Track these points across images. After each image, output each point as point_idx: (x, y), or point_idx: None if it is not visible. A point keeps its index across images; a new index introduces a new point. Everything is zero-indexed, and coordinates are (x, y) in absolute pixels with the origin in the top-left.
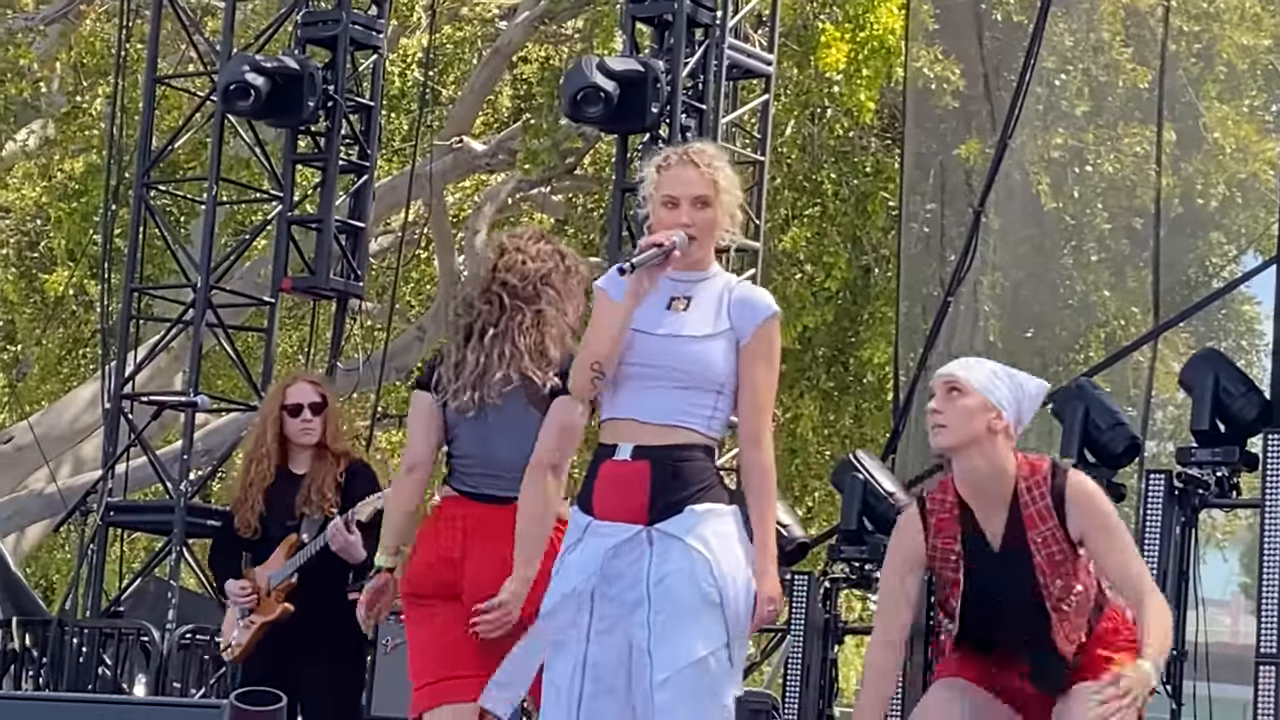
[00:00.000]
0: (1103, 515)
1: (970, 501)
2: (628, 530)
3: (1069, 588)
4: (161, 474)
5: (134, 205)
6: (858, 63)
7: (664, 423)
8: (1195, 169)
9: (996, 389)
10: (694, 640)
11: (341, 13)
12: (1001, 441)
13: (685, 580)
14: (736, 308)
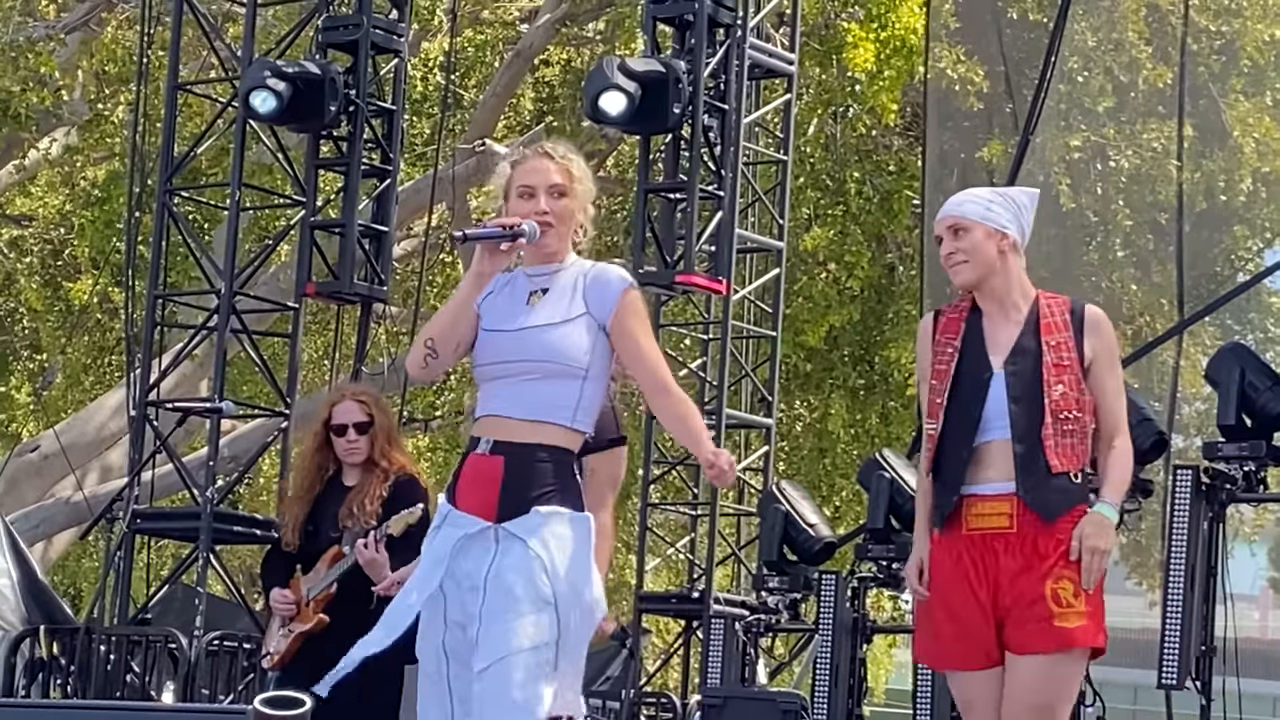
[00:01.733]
0: (1112, 343)
1: (989, 312)
2: (476, 524)
3: (1070, 401)
4: (188, 481)
5: (157, 212)
6: (881, 63)
7: (526, 419)
8: (1218, 164)
9: (994, 213)
10: (517, 633)
11: (362, 17)
12: (1013, 258)
13: (521, 577)
14: (591, 290)
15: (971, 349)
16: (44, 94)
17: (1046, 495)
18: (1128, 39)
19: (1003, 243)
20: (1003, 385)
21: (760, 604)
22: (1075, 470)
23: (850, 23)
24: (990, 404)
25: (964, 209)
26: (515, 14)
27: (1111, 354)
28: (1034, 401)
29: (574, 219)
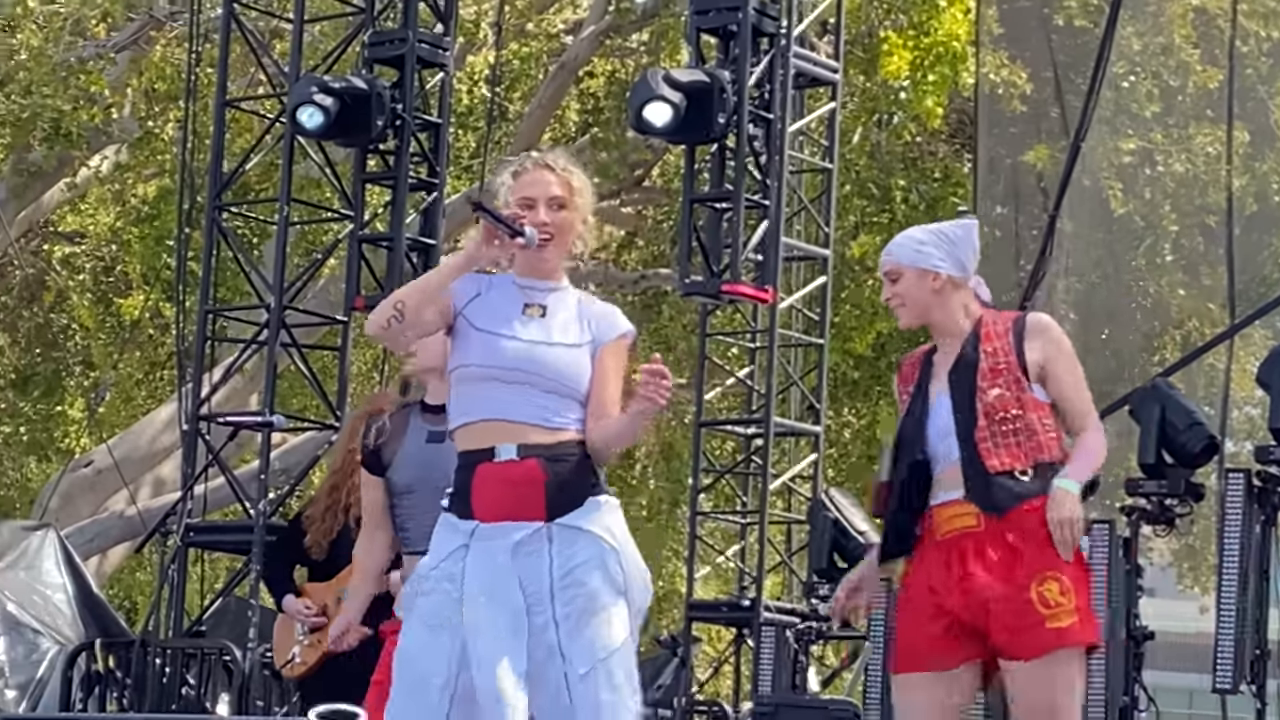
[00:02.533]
0: (1060, 341)
1: (940, 346)
2: (525, 528)
3: (1004, 402)
4: (240, 494)
5: (207, 228)
6: (923, 69)
7: (543, 424)
8: (1270, 167)
9: (925, 253)
10: (609, 632)
11: (408, 32)
12: (949, 292)
13: (595, 570)
14: (597, 322)
15: (921, 385)
16: (94, 112)
17: (989, 494)
18: (1175, 43)
19: (935, 281)
20: (945, 401)
21: (811, 611)
22: (1022, 467)
23: (890, 31)
24: (934, 423)
25: (896, 255)
26: (560, 26)
27: (1062, 352)
28: (969, 405)
29: (574, 231)
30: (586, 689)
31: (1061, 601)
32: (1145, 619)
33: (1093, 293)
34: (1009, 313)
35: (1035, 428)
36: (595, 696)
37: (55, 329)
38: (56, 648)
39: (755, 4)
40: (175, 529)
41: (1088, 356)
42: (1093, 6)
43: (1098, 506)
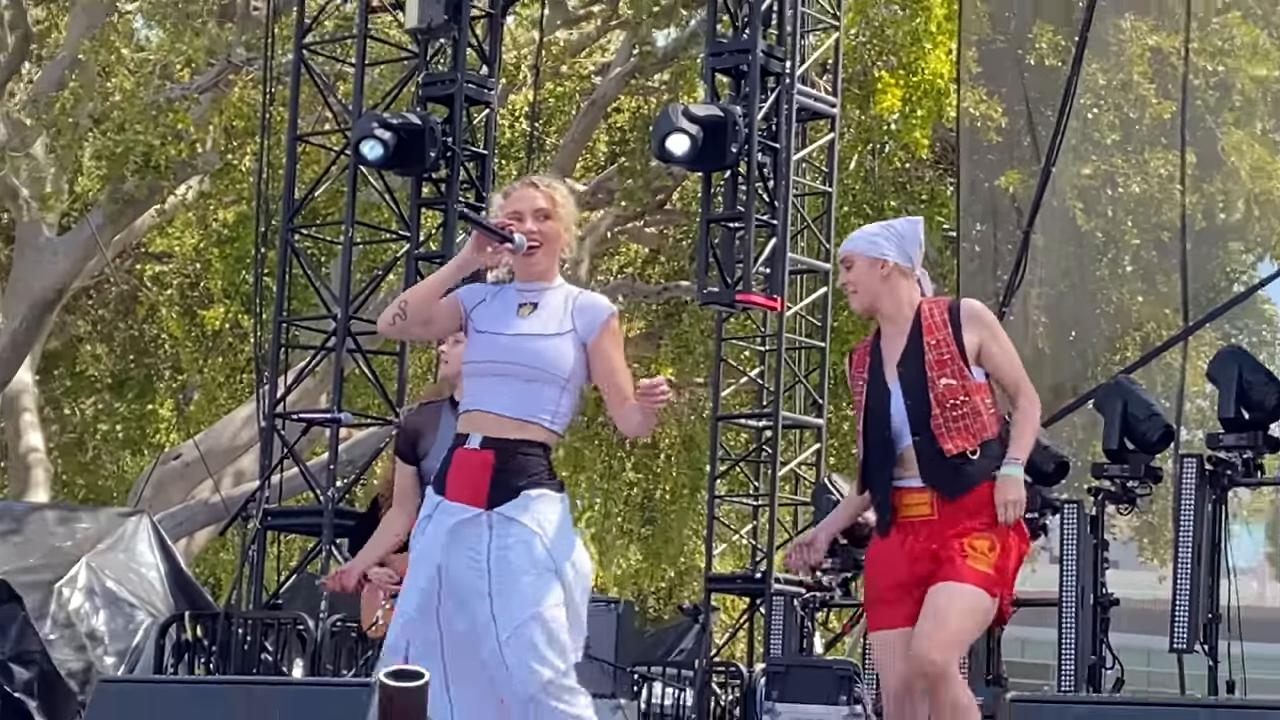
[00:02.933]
0: (992, 324)
1: (885, 331)
2: (468, 512)
3: (953, 390)
4: (311, 483)
5: (280, 248)
6: (911, 104)
7: (513, 416)
8: (1216, 187)
9: (875, 246)
10: (530, 598)
11: (457, 74)
12: (896, 279)
13: (523, 551)
14: (579, 312)
15: (875, 374)
16: (180, 147)
17: (945, 477)
18: (1133, 79)
19: (884, 269)
20: (900, 393)
21: (816, 583)
22: (971, 448)
23: (883, 71)
24: (893, 413)
25: (852, 245)
26: (590, 68)
27: (993, 332)
28: (921, 397)
29: (560, 239)
30: (512, 649)
31: (987, 555)
32: (1110, 587)
33: (1062, 300)
34: (943, 300)
35: (979, 409)
36: (519, 655)
37: (147, 338)
38: (150, 619)
39: (763, 47)
40: (254, 514)
41: (1058, 356)
42: (1061, 47)
43: (1068, 488)
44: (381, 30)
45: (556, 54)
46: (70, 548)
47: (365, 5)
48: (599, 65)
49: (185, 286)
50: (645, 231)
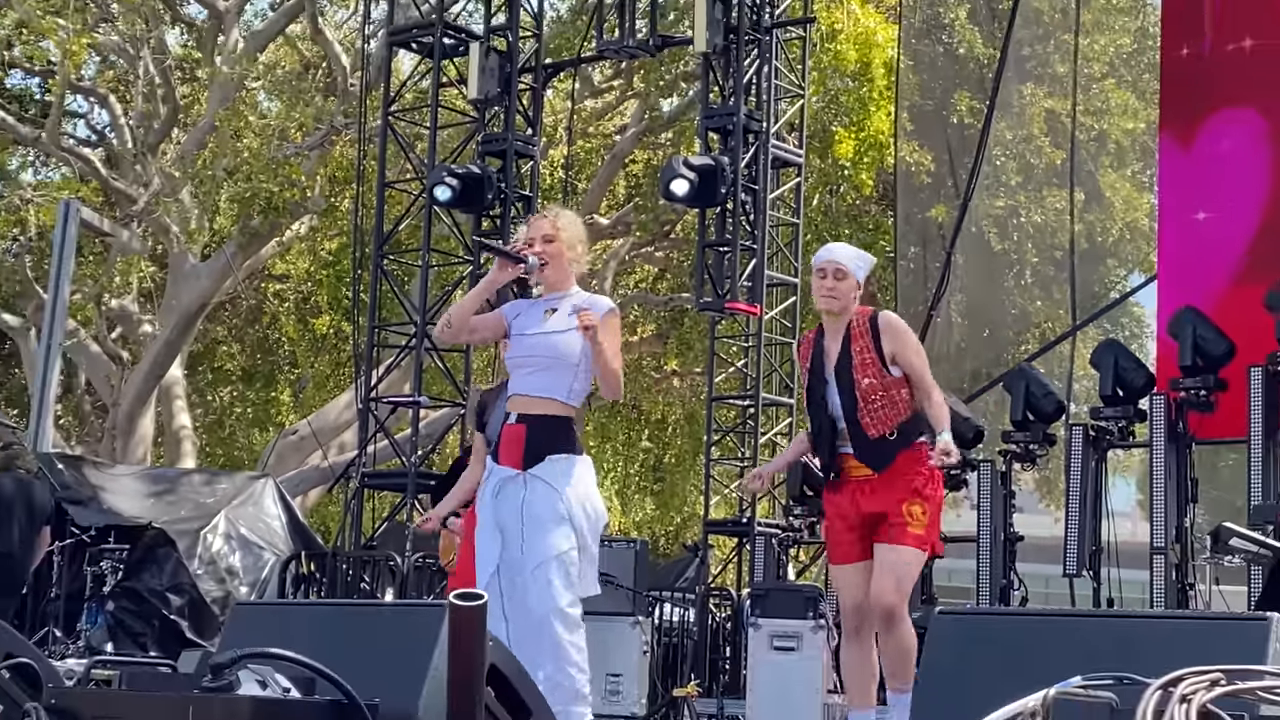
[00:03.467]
0: (902, 333)
1: (828, 332)
2: (510, 473)
3: (875, 388)
4: (398, 451)
5: (373, 270)
6: (860, 154)
7: (537, 395)
8: (1095, 217)
9: (859, 270)
10: (552, 542)
11: (508, 134)
12: (856, 297)
13: (542, 503)
14: (584, 309)
15: (816, 367)
16: (294, 192)
17: (871, 455)
18: (1033, 133)
19: (858, 289)
20: (835, 389)
21: (789, 525)
22: (889, 430)
23: (838, 128)
24: (830, 405)
25: (844, 261)
26: (611, 129)
27: (904, 341)
28: (850, 393)
29: (563, 255)
30: (534, 580)
31: (920, 519)
32: (1016, 527)
33: (977, 305)
34: (867, 310)
35: (895, 399)
36: (538, 583)
37: (270, 341)
38: (274, 558)
39: (745, 111)
40: (354, 475)
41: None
42: (975, 110)
43: (984, 451)
44: (449, 101)
45: (585, 118)
46: (213, 503)
47: (437, 81)
48: (618, 127)
49: (299, 300)
50: (655, 255)
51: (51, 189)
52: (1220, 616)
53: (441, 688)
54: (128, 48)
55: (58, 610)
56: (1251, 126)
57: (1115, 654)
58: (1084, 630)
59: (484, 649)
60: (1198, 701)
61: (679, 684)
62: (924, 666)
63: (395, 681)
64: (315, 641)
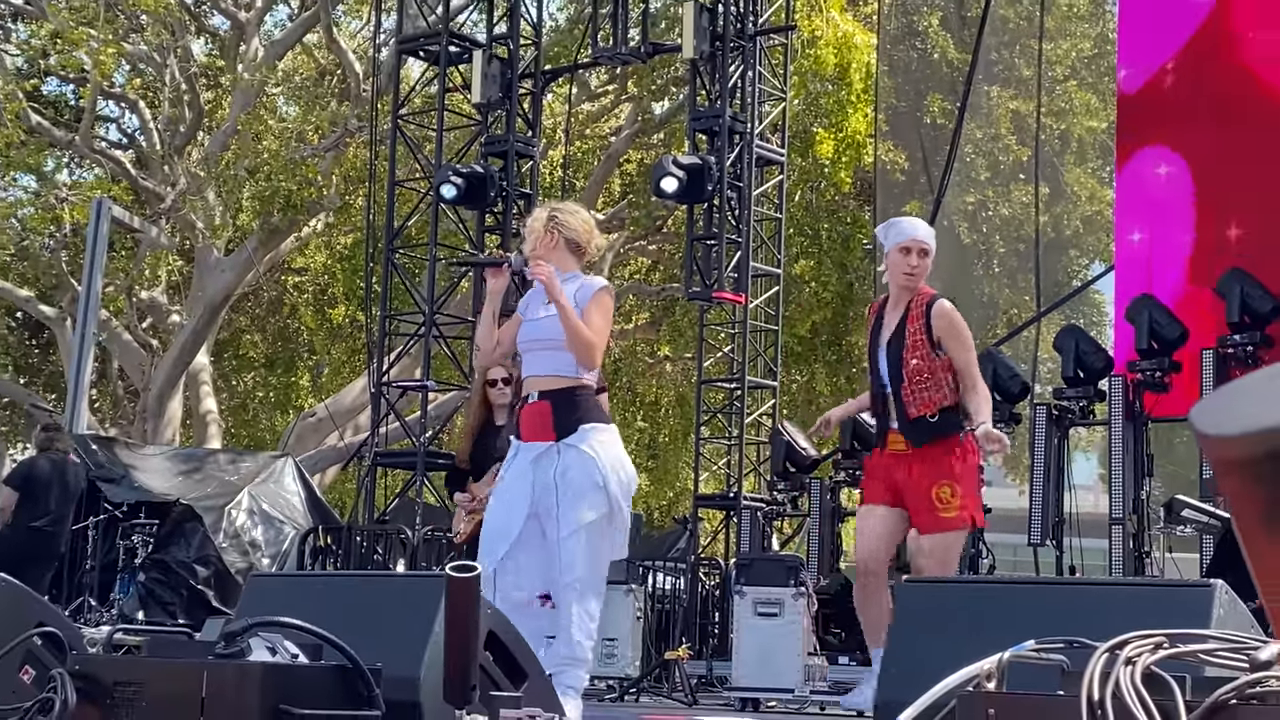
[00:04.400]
0: (951, 324)
1: (889, 306)
2: (542, 446)
3: (919, 370)
4: (408, 432)
5: (384, 263)
6: (839, 153)
7: (553, 374)
8: (1061, 210)
9: (934, 248)
10: (586, 509)
11: (510, 136)
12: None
13: (579, 471)
14: (579, 294)
15: (874, 337)
16: (312, 191)
17: (910, 431)
18: (1001, 132)
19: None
20: (885, 363)
21: (773, 500)
22: (931, 412)
23: (818, 129)
24: (881, 374)
25: (928, 241)
26: (606, 131)
27: (953, 333)
28: (898, 370)
29: (558, 245)
30: (567, 544)
31: (951, 501)
32: (986, 500)
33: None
34: (927, 292)
35: (940, 383)
36: (570, 550)
37: (290, 330)
38: (294, 532)
39: (730, 114)
40: (368, 455)
41: None
42: (947, 111)
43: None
44: (455, 105)
45: (582, 121)
46: (237, 481)
47: (443, 87)
48: (613, 129)
49: (317, 292)
50: (648, 248)
51: (85, 189)
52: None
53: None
54: (155, 56)
55: (93, 581)
56: (1173, 163)
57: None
58: (1042, 597)
59: (479, 616)
60: (1142, 664)
61: (670, 647)
62: (891, 632)
63: (399, 647)
64: (324, 610)
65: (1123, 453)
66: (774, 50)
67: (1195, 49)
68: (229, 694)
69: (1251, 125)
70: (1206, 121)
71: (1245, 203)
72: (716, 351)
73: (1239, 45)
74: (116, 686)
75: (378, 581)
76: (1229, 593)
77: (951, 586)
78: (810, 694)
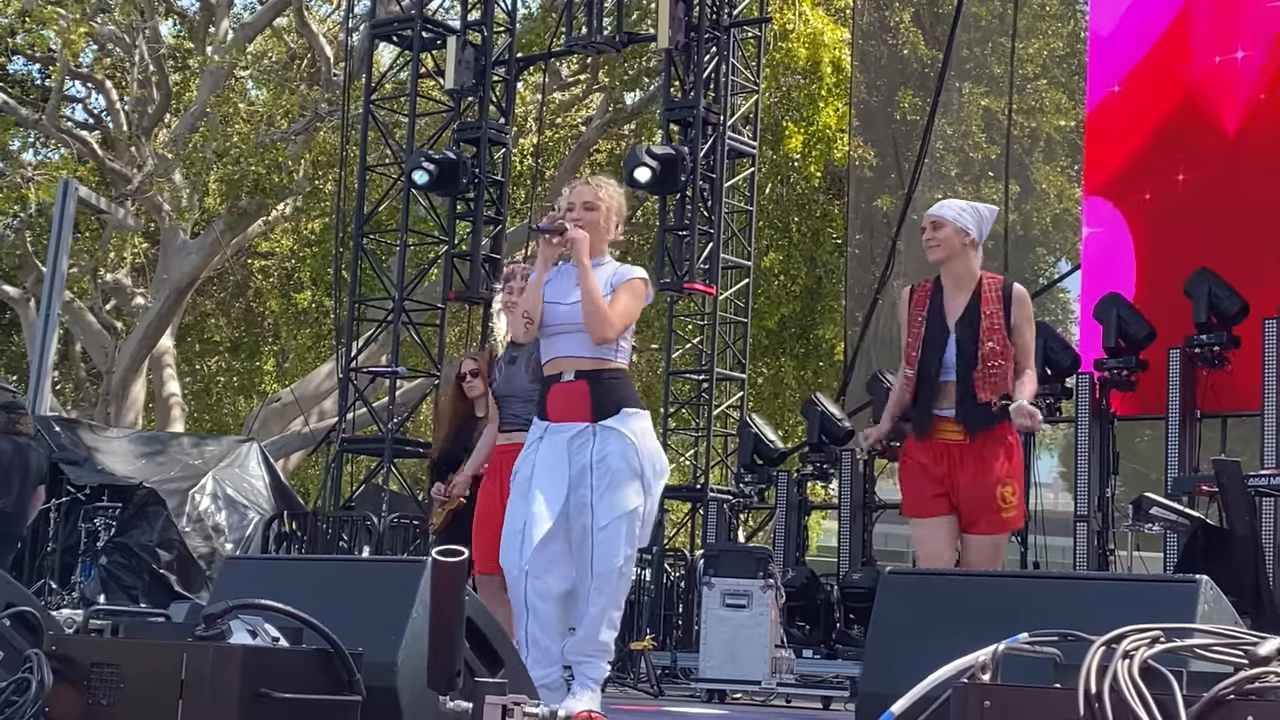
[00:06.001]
0: (1028, 311)
1: (947, 288)
2: (577, 426)
3: (995, 353)
4: (376, 419)
5: (354, 248)
6: (809, 146)
7: (591, 356)
8: (1029, 208)
9: (963, 218)
10: (624, 499)
11: (482, 122)
12: (970, 252)
13: (619, 457)
14: (615, 277)
15: (935, 317)
16: (281, 175)
17: (973, 416)
18: (971, 129)
19: (965, 239)
20: (954, 343)
21: (740, 492)
22: (995, 399)
23: (789, 122)
24: (946, 355)
25: (943, 212)
26: (578, 120)
27: (1027, 315)
28: (972, 353)
29: (601, 226)
30: (603, 535)
31: (1012, 501)
32: None
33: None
34: (998, 278)
35: (1008, 371)
36: (606, 541)
37: (255, 314)
38: (258, 517)
39: (703, 105)
40: (335, 440)
41: None
42: (918, 107)
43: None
44: (427, 91)
45: (554, 109)
46: (200, 465)
47: (415, 72)
48: (584, 118)
49: (283, 276)
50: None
51: (51, 168)
52: (1154, 579)
53: (419, 638)
54: (124, 37)
55: (54, 564)
56: (1114, 219)
57: (1057, 613)
58: (1027, 591)
59: (464, 601)
60: (1139, 657)
61: (635, 638)
62: (874, 624)
63: (376, 632)
64: (301, 595)
65: (1088, 450)
66: (747, 43)
67: (1148, 67)
68: (208, 676)
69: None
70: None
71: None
72: (685, 343)
73: (1188, 66)
74: (94, 668)
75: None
76: (1214, 588)
77: (935, 579)
78: (777, 686)
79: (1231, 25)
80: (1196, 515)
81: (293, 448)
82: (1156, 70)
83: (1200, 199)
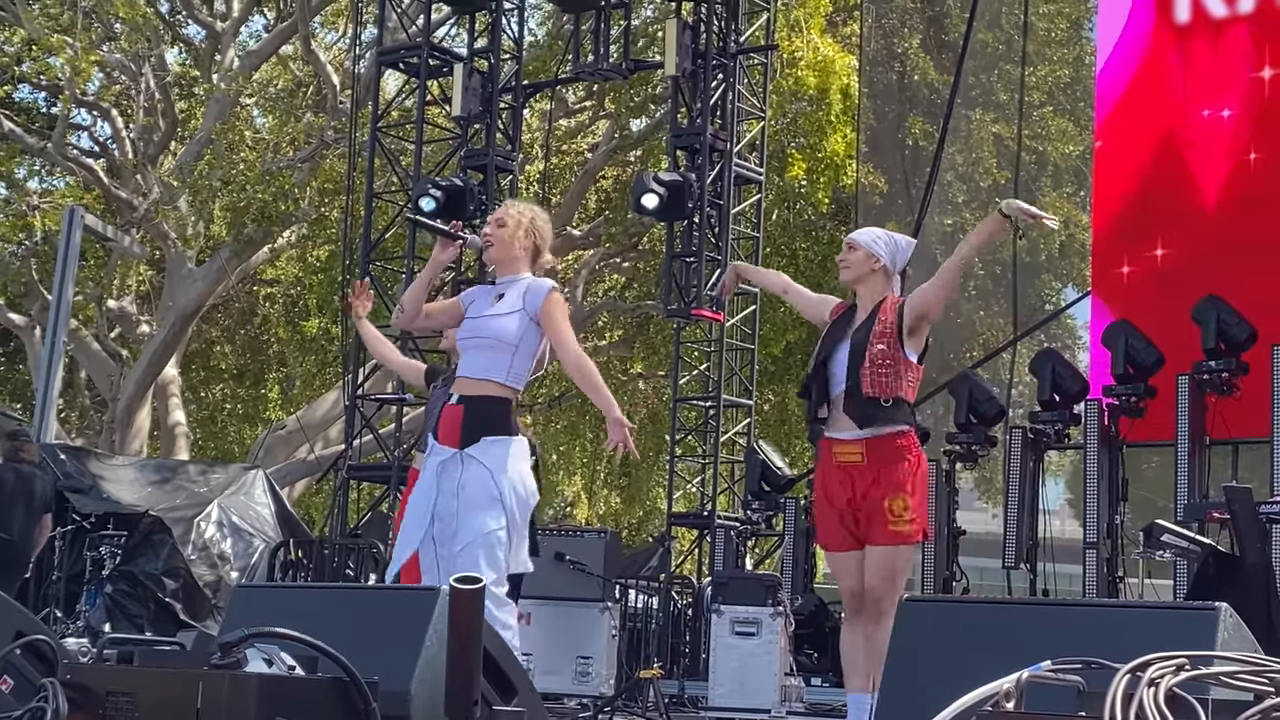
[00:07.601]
0: (918, 293)
1: (859, 308)
2: (449, 452)
3: (884, 354)
4: (382, 446)
5: (360, 276)
6: (815, 173)
7: (477, 377)
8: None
9: (875, 244)
10: (482, 521)
11: (489, 149)
12: (880, 277)
13: (477, 485)
14: (528, 294)
15: (837, 331)
16: (287, 203)
17: (863, 412)
18: (981, 155)
19: (874, 264)
20: (847, 348)
21: (747, 519)
22: (886, 397)
23: (793, 149)
24: (837, 364)
25: (859, 236)
26: (584, 147)
27: (919, 291)
28: (860, 354)
29: (504, 241)
30: (464, 557)
31: (903, 514)
32: (959, 522)
33: None
34: (900, 298)
35: (899, 374)
36: (467, 563)
37: (261, 341)
38: (264, 544)
39: (710, 132)
40: (341, 468)
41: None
42: (927, 133)
43: (931, 452)
44: (434, 118)
45: (560, 136)
46: (206, 492)
47: (422, 100)
48: (590, 145)
49: (289, 304)
50: (623, 265)
51: (56, 196)
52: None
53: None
54: (130, 65)
55: (59, 592)
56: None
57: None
58: (1046, 618)
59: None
60: (1165, 685)
61: (642, 666)
62: (893, 651)
63: (390, 661)
64: (313, 623)
65: (1097, 477)
66: (753, 70)
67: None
68: (224, 705)
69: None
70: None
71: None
72: (692, 370)
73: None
74: (109, 697)
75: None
76: (1233, 615)
77: (952, 606)
78: (787, 714)
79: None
80: (1207, 542)
81: (298, 475)
82: (1136, 113)
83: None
